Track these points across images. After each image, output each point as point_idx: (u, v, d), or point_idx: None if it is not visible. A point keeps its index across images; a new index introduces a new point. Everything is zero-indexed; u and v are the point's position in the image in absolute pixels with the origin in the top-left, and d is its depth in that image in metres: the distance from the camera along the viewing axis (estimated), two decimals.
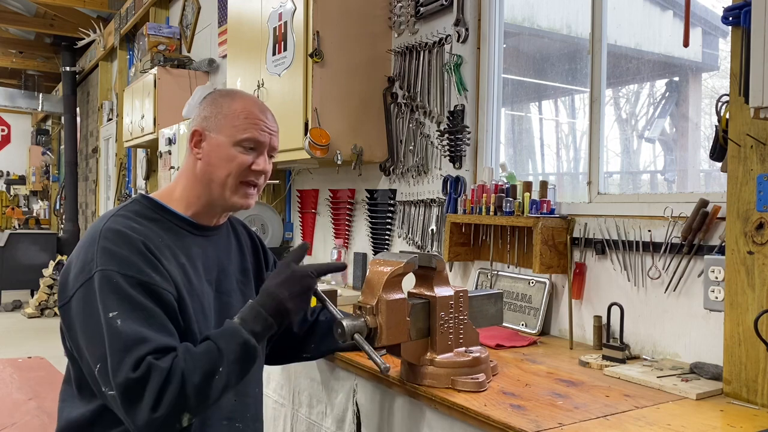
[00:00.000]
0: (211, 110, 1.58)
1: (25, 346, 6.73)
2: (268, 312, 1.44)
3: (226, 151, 1.54)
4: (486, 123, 2.77)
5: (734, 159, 1.63)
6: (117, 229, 1.42)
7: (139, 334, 1.30)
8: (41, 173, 13.84)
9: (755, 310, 1.57)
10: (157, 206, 1.56)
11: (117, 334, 1.29)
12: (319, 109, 2.96)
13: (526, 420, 1.42)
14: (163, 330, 1.35)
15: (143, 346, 1.29)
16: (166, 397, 1.27)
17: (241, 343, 1.38)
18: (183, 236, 1.55)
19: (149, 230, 1.47)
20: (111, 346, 1.29)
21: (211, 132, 1.56)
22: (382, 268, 1.62)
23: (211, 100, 1.60)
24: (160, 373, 1.27)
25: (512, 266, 2.49)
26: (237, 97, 1.60)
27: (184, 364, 1.30)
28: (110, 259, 1.37)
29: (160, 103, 5.39)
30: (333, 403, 2.10)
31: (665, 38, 2.46)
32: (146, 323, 1.32)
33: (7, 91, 11.36)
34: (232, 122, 1.55)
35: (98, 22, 8.53)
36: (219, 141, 1.54)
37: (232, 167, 1.54)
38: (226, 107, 1.57)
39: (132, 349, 1.28)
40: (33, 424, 4.33)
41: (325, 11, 2.99)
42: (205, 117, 1.58)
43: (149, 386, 1.26)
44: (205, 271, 1.57)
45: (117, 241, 1.40)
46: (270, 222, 3.95)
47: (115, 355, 1.28)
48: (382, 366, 1.52)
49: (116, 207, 1.56)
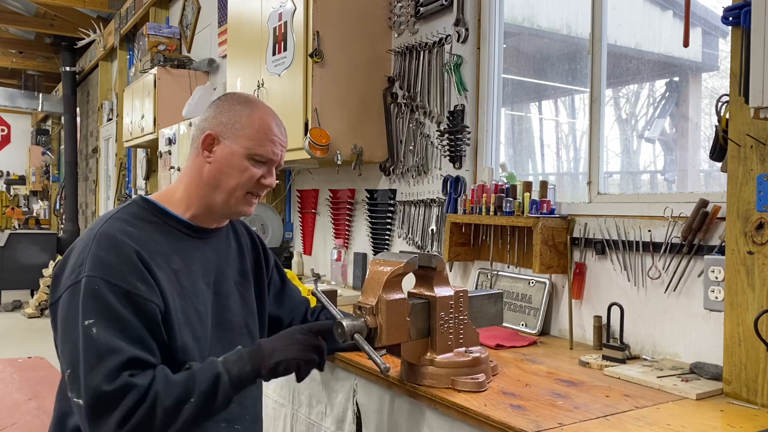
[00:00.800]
0: (228, 117, 1.56)
1: (25, 346, 6.73)
2: (250, 359, 1.44)
3: (239, 161, 1.53)
4: (486, 123, 2.77)
5: (734, 159, 1.63)
6: (110, 234, 1.42)
7: (112, 344, 1.30)
8: (41, 173, 13.84)
9: (755, 310, 1.57)
10: (156, 209, 1.55)
11: (91, 341, 1.30)
12: (319, 109, 2.96)
13: (526, 420, 1.42)
14: (138, 342, 1.34)
15: (115, 356, 1.29)
16: (135, 416, 1.27)
17: (215, 374, 1.38)
18: (180, 239, 1.54)
19: (145, 234, 1.47)
20: (85, 354, 1.30)
21: (225, 139, 1.54)
22: (382, 268, 1.62)
23: (229, 106, 1.58)
24: (137, 391, 1.28)
25: (512, 266, 2.49)
26: (255, 107, 1.58)
27: (160, 386, 1.31)
28: (98, 265, 1.37)
29: (160, 103, 5.39)
30: (333, 403, 2.10)
31: (665, 38, 2.46)
32: (121, 334, 1.32)
33: (7, 91, 11.36)
34: (249, 134, 1.54)
35: (98, 22, 8.53)
36: (233, 150, 1.53)
37: (242, 179, 1.54)
38: (245, 117, 1.55)
39: (105, 359, 1.28)
40: (33, 424, 4.33)
41: (325, 11, 2.99)
42: (221, 123, 1.56)
43: (123, 402, 1.27)
44: (202, 274, 1.56)
45: (108, 247, 1.39)
46: (270, 222, 3.96)
47: (88, 362, 1.29)
48: (382, 366, 1.52)
49: (115, 208, 1.56)
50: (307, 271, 3.81)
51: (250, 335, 1.67)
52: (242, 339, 1.63)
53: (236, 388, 1.41)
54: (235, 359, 1.42)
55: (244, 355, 1.44)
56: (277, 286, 1.84)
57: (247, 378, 1.43)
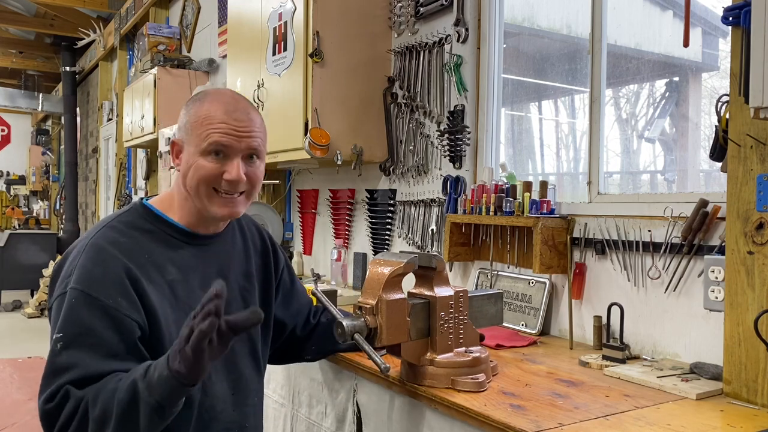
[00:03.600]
0: (184, 120, 1.49)
1: (25, 346, 6.73)
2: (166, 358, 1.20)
3: (195, 161, 1.44)
4: (486, 123, 2.77)
5: (734, 159, 1.63)
6: (100, 246, 1.39)
7: (72, 360, 1.27)
8: (41, 173, 13.84)
9: (755, 310, 1.57)
10: (155, 217, 1.51)
11: (52, 357, 1.29)
12: (319, 109, 2.96)
13: (526, 420, 1.42)
14: (108, 357, 1.29)
15: (69, 373, 1.26)
16: (72, 426, 1.25)
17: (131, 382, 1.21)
18: (178, 248, 1.51)
19: (137, 245, 1.44)
20: (45, 368, 1.29)
21: (185, 143, 1.48)
22: (382, 268, 1.62)
23: (185, 109, 1.51)
24: (74, 400, 1.25)
25: (512, 266, 2.49)
26: (206, 100, 1.47)
27: (91, 392, 1.24)
28: (82, 278, 1.35)
29: (160, 103, 5.39)
30: (333, 403, 2.10)
31: (665, 38, 2.46)
32: (90, 350, 1.28)
33: (7, 91, 11.36)
34: (197, 130, 1.44)
35: (98, 22, 8.53)
36: (189, 151, 1.46)
37: (199, 176, 1.44)
38: (193, 113, 1.46)
39: (57, 376, 1.27)
40: (33, 424, 4.33)
41: (325, 11, 2.99)
42: (179, 127, 1.50)
43: (63, 412, 1.25)
44: (201, 282, 1.51)
45: (96, 259, 1.37)
46: (270, 222, 3.95)
47: (44, 379, 1.29)
48: (382, 366, 1.52)
49: (113, 213, 1.53)
50: (307, 271, 3.81)
51: (251, 340, 1.63)
52: (242, 345, 1.60)
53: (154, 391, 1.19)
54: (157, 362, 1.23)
55: (162, 359, 1.22)
56: (286, 288, 1.80)
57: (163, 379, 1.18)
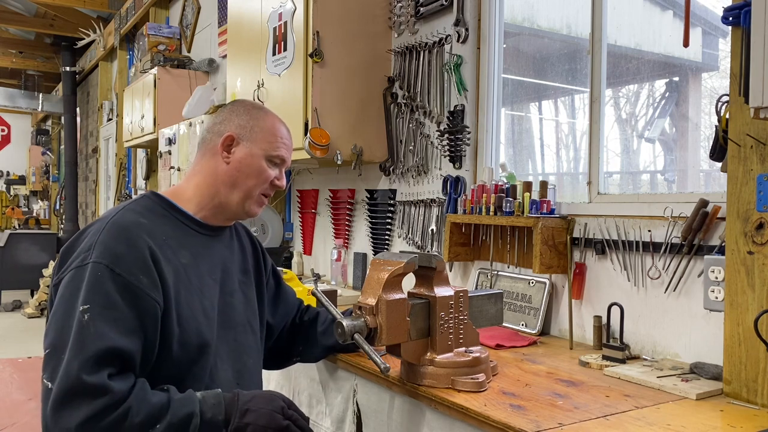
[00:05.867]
0: (246, 120, 1.63)
1: (25, 346, 6.73)
2: (225, 408, 1.41)
3: (258, 163, 1.61)
4: (486, 123, 2.77)
5: (734, 159, 1.63)
6: (123, 225, 1.45)
7: (100, 331, 1.31)
8: (41, 173, 13.85)
9: (755, 310, 1.57)
10: (167, 204, 1.58)
11: (81, 328, 1.31)
12: (319, 109, 2.96)
13: (526, 420, 1.42)
14: (128, 335, 1.34)
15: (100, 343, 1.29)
16: (102, 422, 1.26)
17: (189, 413, 1.36)
18: (190, 235, 1.58)
19: (156, 227, 1.50)
20: (73, 339, 1.30)
21: (244, 140, 1.61)
22: (382, 268, 1.62)
23: (245, 110, 1.66)
24: (110, 397, 1.27)
25: (512, 266, 2.49)
26: (268, 112, 1.69)
27: (135, 401, 1.30)
28: (105, 253, 1.38)
29: (160, 103, 5.39)
30: (333, 403, 2.10)
31: (665, 38, 2.46)
32: (114, 324, 1.33)
33: (7, 91, 11.37)
34: (267, 137, 1.63)
35: (98, 22, 8.53)
36: (252, 152, 1.61)
37: (260, 179, 1.62)
38: (261, 121, 1.64)
39: (89, 347, 1.29)
40: (33, 424, 4.33)
41: (325, 11, 2.99)
42: (240, 125, 1.63)
43: (94, 402, 1.26)
44: (209, 270, 1.59)
45: (119, 237, 1.42)
46: (270, 222, 3.95)
47: (73, 348, 1.29)
48: (382, 366, 1.52)
49: (127, 201, 1.59)
50: (307, 271, 3.81)
51: (253, 333, 1.69)
52: (245, 336, 1.66)
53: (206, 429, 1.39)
54: (213, 403, 1.40)
55: (222, 402, 1.42)
56: (272, 291, 1.87)
57: (215, 426, 1.40)
